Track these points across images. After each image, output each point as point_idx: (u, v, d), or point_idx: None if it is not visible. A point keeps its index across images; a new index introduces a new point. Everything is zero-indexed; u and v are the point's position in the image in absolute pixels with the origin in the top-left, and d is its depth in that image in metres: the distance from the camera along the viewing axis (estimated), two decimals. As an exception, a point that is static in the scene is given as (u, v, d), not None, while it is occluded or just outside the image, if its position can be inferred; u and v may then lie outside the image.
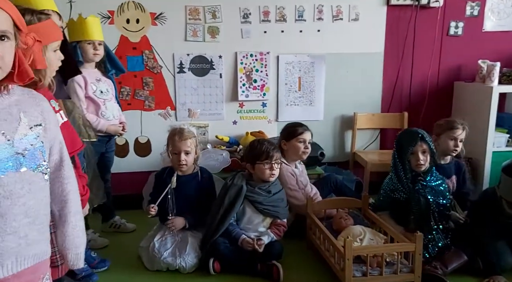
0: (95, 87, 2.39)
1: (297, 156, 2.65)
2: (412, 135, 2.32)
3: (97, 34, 2.34)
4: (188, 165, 2.35)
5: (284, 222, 2.41)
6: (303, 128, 2.64)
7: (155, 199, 2.31)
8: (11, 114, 1.01)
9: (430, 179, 2.33)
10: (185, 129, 2.35)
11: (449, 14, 3.21)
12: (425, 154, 2.28)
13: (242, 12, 3.01)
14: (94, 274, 2.13)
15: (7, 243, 0.99)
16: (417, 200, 2.26)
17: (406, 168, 2.31)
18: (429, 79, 3.28)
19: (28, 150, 1.03)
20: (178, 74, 3.03)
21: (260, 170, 2.33)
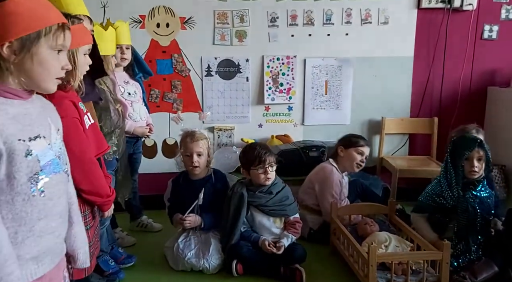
0: (123, 89, 2.46)
1: (350, 166, 2.65)
2: (470, 140, 2.23)
3: (125, 38, 2.41)
4: (201, 167, 2.36)
5: (297, 217, 2.39)
6: (365, 142, 2.67)
7: (174, 206, 2.37)
8: (44, 119, 1.06)
9: (481, 189, 2.22)
10: (197, 131, 2.38)
11: (483, 18, 3.11)
12: (480, 161, 2.18)
13: (270, 16, 3.02)
14: (121, 272, 2.19)
15: (47, 243, 1.05)
16: (465, 208, 2.16)
17: (458, 173, 2.20)
18: (461, 84, 3.19)
19: (59, 153, 1.08)
20: (206, 77, 3.08)
21: (255, 175, 2.31)
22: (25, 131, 0.98)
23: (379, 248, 2.05)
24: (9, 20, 0.94)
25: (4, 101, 0.97)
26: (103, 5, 2.86)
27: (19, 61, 0.97)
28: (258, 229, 2.34)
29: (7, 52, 0.95)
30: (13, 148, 0.94)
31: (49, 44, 0.99)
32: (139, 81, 2.62)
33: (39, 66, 0.99)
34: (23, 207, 0.98)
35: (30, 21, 0.96)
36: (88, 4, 1.99)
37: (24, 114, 1.00)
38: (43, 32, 0.98)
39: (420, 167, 3.07)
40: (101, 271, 2.10)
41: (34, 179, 0.99)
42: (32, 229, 1.00)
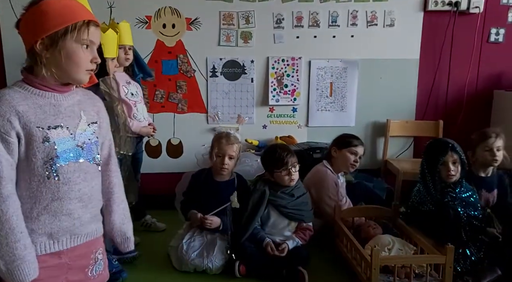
0: (126, 89, 2.47)
1: (345, 167, 2.64)
2: (443, 145, 2.25)
3: (128, 39, 2.42)
4: (229, 170, 2.38)
5: (310, 225, 2.40)
6: (358, 142, 2.64)
7: (190, 201, 2.37)
8: (73, 112, 1.17)
9: (460, 190, 2.25)
10: (232, 134, 2.40)
11: (490, 21, 3.10)
12: (455, 164, 2.21)
13: (275, 17, 3.03)
14: (124, 271, 2.20)
15: (63, 223, 1.15)
16: (447, 212, 2.19)
17: (435, 178, 2.23)
18: (467, 87, 3.18)
19: (86, 144, 1.19)
20: (211, 78, 3.08)
21: (278, 177, 2.33)
22: (47, 120, 1.11)
23: (382, 251, 2.05)
24: (42, 20, 1.08)
25: (36, 92, 1.12)
26: (110, 6, 2.87)
27: (50, 55, 1.09)
28: (270, 228, 2.34)
29: (40, 48, 1.08)
30: (31, 133, 1.08)
31: (75, 39, 1.10)
32: (138, 82, 2.63)
33: (67, 59, 1.10)
34: (38, 187, 1.11)
35: (58, 19, 1.08)
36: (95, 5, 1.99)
37: (53, 105, 1.13)
38: (69, 28, 1.09)
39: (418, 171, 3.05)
40: (104, 270, 2.12)
41: (50, 163, 1.11)
42: (46, 208, 1.12)
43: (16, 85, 1.12)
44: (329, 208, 2.53)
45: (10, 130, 1.05)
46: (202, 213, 2.29)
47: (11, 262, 1.05)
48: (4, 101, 1.06)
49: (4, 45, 2.82)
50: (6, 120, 1.05)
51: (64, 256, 1.18)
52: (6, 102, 1.06)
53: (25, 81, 1.12)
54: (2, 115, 1.05)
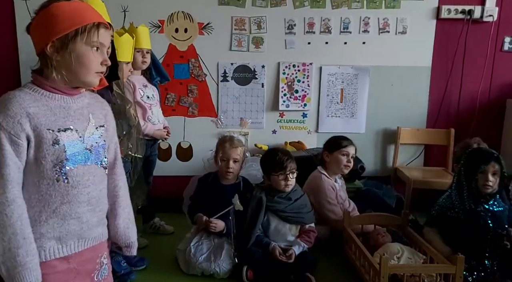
0: (142, 92, 2.50)
1: (339, 169, 2.62)
2: (487, 154, 2.20)
3: (146, 43, 2.45)
4: (234, 173, 2.39)
5: (312, 227, 2.39)
6: (348, 142, 2.62)
7: (197, 205, 2.38)
8: (82, 115, 1.17)
9: (493, 203, 2.19)
10: (235, 138, 2.40)
11: (504, 29, 3.07)
12: (495, 175, 2.15)
13: (287, 23, 3.04)
14: (132, 273, 2.21)
15: (71, 226, 1.14)
16: (476, 223, 2.13)
17: (471, 186, 2.17)
18: (480, 96, 3.15)
19: (94, 147, 1.18)
20: (222, 82, 3.10)
21: (275, 181, 2.33)
22: (57, 123, 1.10)
23: (391, 260, 2.03)
24: (52, 23, 1.07)
25: (47, 95, 1.11)
26: (124, 10, 2.91)
27: (61, 58, 1.09)
28: (272, 235, 2.34)
29: (51, 50, 1.08)
30: (41, 135, 1.07)
31: (84, 41, 1.10)
32: (155, 85, 2.66)
33: (77, 61, 1.10)
34: (47, 190, 1.09)
35: (68, 21, 1.08)
36: (109, 9, 2.03)
37: (63, 108, 1.13)
38: (79, 31, 1.09)
39: (435, 178, 3.02)
40: (113, 272, 2.12)
41: (59, 166, 1.10)
42: (55, 211, 1.11)
43: (26, 87, 1.11)
44: (331, 213, 2.52)
45: (20, 133, 1.04)
46: (208, 216, 2.30)
47: (12, 268, 1.03)
48: (14, 103, 1.05)
49: (20, 49, 2.87)
50: (17, 122, 1.04)
51: (73, 260, 1.17)
52: (17, 104, 1.05)
53: (35, 83, 1.12)
54: (12, 117, 1.03)
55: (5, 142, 1.02)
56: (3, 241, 1.03)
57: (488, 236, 2.13)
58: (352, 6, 3.03)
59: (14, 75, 2.91)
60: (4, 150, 1.02)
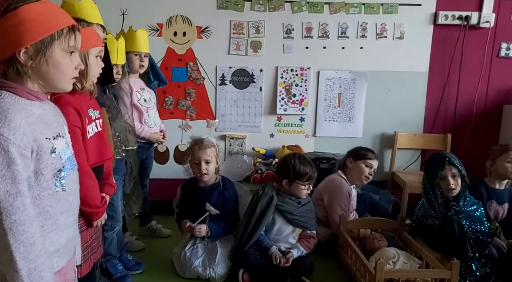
0: (139, 95, 2.51)
1: (358, 179, 2.66)
2: (440, 159, 2.25)
3: (144, 46, 2.46)
4: (209, 174, 2.38)
5: (313, 233, 2.40)
6: (374, 156, 2.68)
7: (182, 212, 2.40)
8: (58, 120, 1.13)
9: (464, 204, 2.23)
10: (205, 139, 2.40)
11: (500, 35, 3.10)
12: (455, 177, 2.20)
13: (285, 27, 3.05)
14: (129, 276, 2.21)
15: (67, 236, 1.12)
16: (451, 226, 2.16)
17: (436, 193, 2.23)
18: (476, 101, 3.17)
19: (72, 152, 1.16)
20: (220, 86, 3.11)
21: (297, 189, 2.34)
22: (49, 131, 1.05)
23: (386, 264, 2.04)
24: (23, 27, 0.98)
25: (28, 103, 1.03)
26: (123, 13, 2.92)
27: (35, 65, 1.01)
28: (274, 235, 2.35)
29: (24, 57, 1.00)
30: (41, 146, 1.01)
31: (62, 47, 1.04)
32: (153, 89, 2.66)
33: (54, 68, 1.04)
34: (48, 202, 1.05)
35: (43, 26, 1.00)
36: (108, 12, 2.05)
37: (45, 115, 1.07)
38: (55, 36, 1.02)
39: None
40: (109, 275, 2.13)
41: (57, 175, 1.06)
42: (56, 223, 1.08)
43: (5, 96, 1.00)
44: (339, 218, 2.52)
45: (28, 144, 0.98)
46: (193, 221, 2.32)
47: None
48: (14, 114, 0.97)
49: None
50: (23, 133, 0.96)
51: (63, 272, 1.14)
52: (16, 114, 0.97)
53: (11, 91, 1.01)
54: (18, 128, 0.96)
55: (17, 156, 0.95)
56: (28, 260, 0.97)
57: (467, 238, 2.15)
58: (350, 11, 3.05)
59: None
60: (17, 164, 0.95)
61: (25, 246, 0.96)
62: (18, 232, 0.96)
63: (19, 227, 0.96)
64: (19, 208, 0.96)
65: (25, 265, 0.96)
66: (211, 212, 2.28)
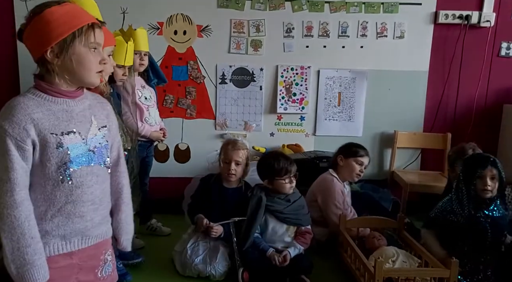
0: (140, 93, 2.51)
1: (350, 176, 2.66)
2: (484, 159, 2.19)
3: (144, 45, 2.46)
4: (237, 176, 2.40)
5: (308, 228, 2.40)
6: (365, 152, 2.67)
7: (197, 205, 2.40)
8: (85, 117, 1.20)
9: (493, 209, 2.18)
10: (239, 141, 2.43)
11: (501, 35, 3.10)
12: (493, 180, 2.14)
13: (286, 26, 3.05)
14: (129, 274, 2.21)
15: (76, 225, 1.19)
16: (475, 228, 2.13)
17: (470, 191, 2.16)
18: (476, 101, 3.17)
19: (97, 148, 1.21)
20: (220, 84, 3.11)
21: (280, 185, 2.34)
22: (60, 127, 1.13)
23: (386, 263, 2.04)
24: (48, 28, 1.09)
25: (50, 99, 1.13)
26: (123, 11, 2.92)
27: (61, 62, 1.11)
28: (269, 236, 2.35)
29: (50, 56, 1.10)
30: (45, 140, 1.10)
31: (83, 44, 1.12)
32: (153, 87, 2.67)
33: (78, 64, 1.12)
34: (52, 191, 1.14)
35: (64, 26, 1.10)
36: (109, 10, 2.05)
37: (66, 111, 1.15)
38: (76, 34, 1.11)
39: (431, 182, 3.04)
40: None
41: (63, 167, 1.13)
42: (60, 210, 1.16)
43: (30, 92, 1.14)
44: (336, 217, 2.53)
45: (26, 138, 1.08)
46: (208, 217, 2.31)
47: (21, 266, 1.09)
48: (19, 110, 1.08)
49: (19, 51, 2.87)
50: (22, 128, 1.07)
51: (75, 256, 1.21)
52: (22, 110, 1.08)
53: (38, 89, 1.14)
54: (18, 123, 1.07)
55: (12, 148, 1.06)
56: (12, 241, 1.08)
57: (486, 242, 2.13)
58: (350, 10, 3.05)
59: (14, 77, 2.92)
60: (11, 155, 1.06)
61: (9, 227, 1.07)
62: (3, 214, 1.07)
63: (4, 210, 1.07)
64: (6, 193, 1.07)
65: (9, 244, 1.08)
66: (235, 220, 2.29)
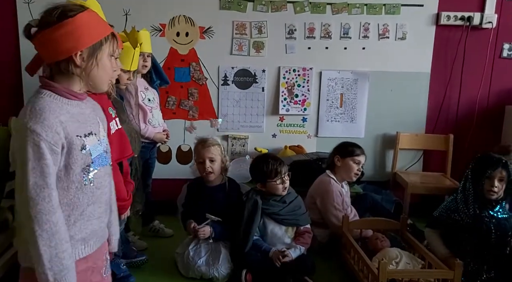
0: (144, 95, 2.51)
1: (348, 176, 2.65)
2: (495, 160, 2.20)
3: (147, 47, 2.46)
4: (215, 173, 2.39)
5: (308, 228, 2.41)
6: (361, 151, 2.65)
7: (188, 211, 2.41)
8: (94, 118, 1.22)
9: (498, 210, 2.19)
10: (209, 138, 2.42)
11: (503, 36, 3.10)
12: (501, 182, 2.15)
13: (288, 28, 3.06)
14: (132, 276, 2.21)
15: (93, 226, 1.20)
16: (479, 227, 2.13)
17: (477, 191, 2.18)
18: (478, 102, 3.17)
19: (106, 148, 1.24)
20: (222, 86, 3.12)
21: (272, 187, 2.34)
22: (81, 129, 1.14)
23: (389, 264, 2.04)
24: (79, 33, 1.10)
25: (66, 102, 1.13)
26: (126, 13, 2.93)
27: (87, 67, 1.13)
28: (269, 238, 2.35)
29: (79, 59, 1.11)
30: (72, 143, 1.10)
31: (108, 51, 1.16)
32: (155, 89, 2.67)
33: (102, 70, 1.15)
34: (76, 194, 1.14)
35: (94, 32, 1.12)
36: (111, 12, 2.06)
37: (81, 113, 1.16)
38: (103, 41, 1.14)
39: (433, 183, 3.04)
40: (112, 274, 2.13)
41: (86, 170, 1.15)
42: (82, 213, 1.16)
43: (45, 95, 1.11)
44: (335, 218, 2.53)
45: (58, 142, 1.07)
46: (201, 220, 2.32)
47: (59, 272, 1.08)
48: (49, 113, 1.07)
49: (22, 53, 2.87)
50: (55, 131, 1.06)
51: (90, 259, 1.23)
52: (51, 113, 1.07)
53: (52, 90, 1.12)
54: (50, 127, 1.05)
55: (47, 152, 1.05)
56: (50, 247, 1.06)
57: (490, 242, 2.13)
58: (352, 12, 3.05)
59: (17, 79, 2.92)
60: (47, 159, 1.05)
61: (47, 233, 1.06)
62: (42, 220, 1.05)
63: (43, 216, 1.05)
64: (45, 199, 1.05)
65: (47, 251, 1.06)
66: (212, 219, 2.30)
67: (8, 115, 2.50)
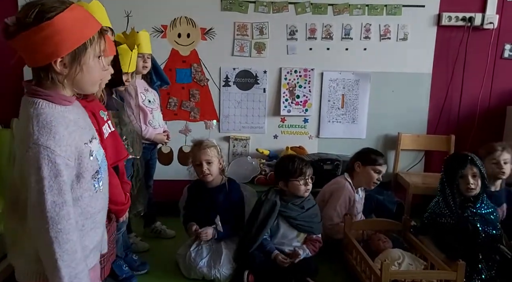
0: (144, 96, 2.51)
1: (366, 184, 2.60)
2: (462, 158, 2.24)
3: (146, 47, 2.46)
4: (213, 175, 2.39)
5: (319, 237, 2.40)
6: (383, 160, 2.59)
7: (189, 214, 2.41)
8: (88, 121, 1.17)
9: (481, 206, 2.21)
10: (204, 140, 2.42)
11: (504, 36, 3.10)
12: (475, 178, 2.19)
13: (289, 29, 3.06)
14: (134, 277, 2.22)
15: (101, 233, 1.18)
16: (465, 227, 2.15)
17: (454, 192, 2.21)
18: (480, 103, 3.17)
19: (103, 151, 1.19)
20: (224, 87, 3.12)
21: (294, 187, 2.33)
22: (85, 135, 1.09)
23: (392, 265, 2.04)
24: (59, 38, 0.99)
25: (64, 109, 1.05)
26: (127, 14, 2.93)
27: (70, 73, 1.03)
28: (279, 239, 2.35)
29: (60, 66, 1.02)
30: (82, 151, 1.05)
31: (94, 53, 1.06)
32: (156, 90, 2.67)
33: (88, 74, 1.06)
34: (89, 202, 1.10)
35: (76, 35, 1.01)
36: (113, 13, 2.06)
37: (78, 119, 1.10)
38: (88, 43, 1.04)
39: (435, 184, 2.98)
40: (115, 276, 2.13)
41: (95, 176, 1.11)
42: (94, 221, 1.13)
43: (42, 105, 1.02)
44: (329, 220, 2.51)
45: (71, 155, 1.01)
46: (203, 222, 2.33)
47: None
48: (57, 125, 0.99)
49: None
50: (67, 144, 1.00)
51: (95, 268, 1.20)
52: (59, 124, 1.00)
53: (47, 99, 1.03)
54: (62, 140, 0.99)
55: (63, 168, 0.99)
56: (69, 267, 1.01)
57: (479, 240, 2.14)
58: (354, 13, 3.05)
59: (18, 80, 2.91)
60: (64, 176, 0.99)
61: (68, 254, 1.01)
62: (63, 240, 1.00)
63: (64, 236, 1.00)
64: (65, 217, 1.00)
65: (67, 272, 1.01)
66: (217, 227, 2.30)
67: (11, 117, 2.51)
